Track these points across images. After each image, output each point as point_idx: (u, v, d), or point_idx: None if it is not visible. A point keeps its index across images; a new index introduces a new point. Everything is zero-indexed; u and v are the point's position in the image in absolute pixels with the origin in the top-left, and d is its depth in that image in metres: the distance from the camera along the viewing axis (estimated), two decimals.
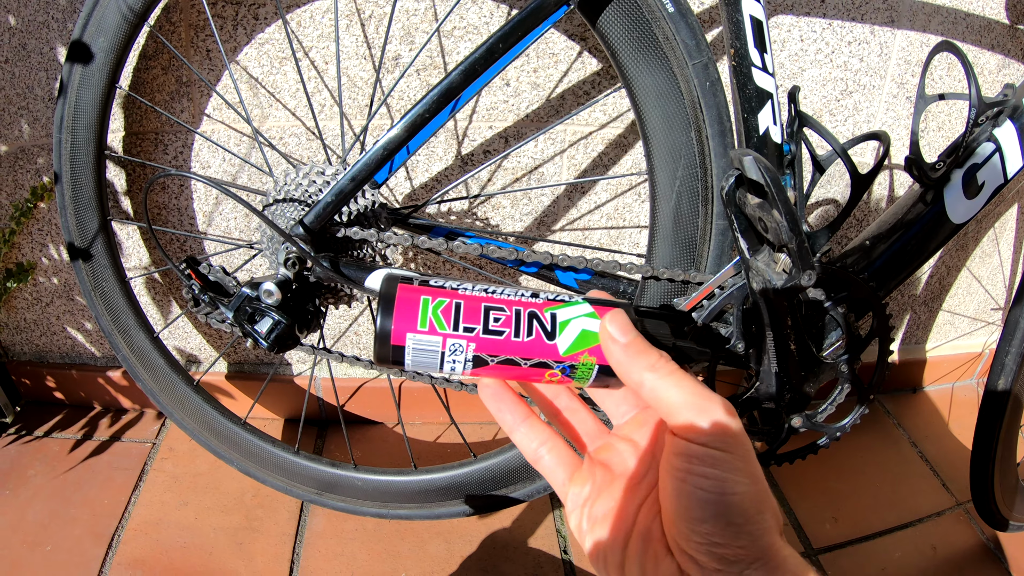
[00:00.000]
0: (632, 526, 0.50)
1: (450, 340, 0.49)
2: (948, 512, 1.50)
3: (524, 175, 1.33)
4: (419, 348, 0.49)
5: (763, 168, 0.74)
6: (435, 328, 0.49)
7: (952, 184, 1.01)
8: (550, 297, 0.52)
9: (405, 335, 0.49)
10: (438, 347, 0.49)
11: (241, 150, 1.30)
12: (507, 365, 0.51)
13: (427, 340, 0.49)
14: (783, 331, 0.89)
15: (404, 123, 0.91)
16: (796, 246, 0.77)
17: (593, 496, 0.53)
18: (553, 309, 0.51)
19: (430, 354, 0.50)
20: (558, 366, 0.50)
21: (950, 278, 1.69)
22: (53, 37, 1.21)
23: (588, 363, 0.50)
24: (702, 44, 0.90)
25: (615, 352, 0.49)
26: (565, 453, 0.56)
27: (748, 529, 0.42)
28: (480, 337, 0.49)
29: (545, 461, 0.56)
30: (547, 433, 0.56)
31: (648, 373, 0.47)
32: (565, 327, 0.50)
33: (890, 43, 1.30)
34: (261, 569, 1.29)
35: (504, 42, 0.87)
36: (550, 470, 0.56)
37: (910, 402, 1.81)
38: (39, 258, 1.45)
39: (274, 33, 1.20)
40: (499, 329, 0.49)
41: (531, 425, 0.56)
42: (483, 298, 0.50)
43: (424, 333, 0.49)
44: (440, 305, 0.49)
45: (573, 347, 0.50)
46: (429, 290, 0.50)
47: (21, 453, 1.52)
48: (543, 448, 0.56)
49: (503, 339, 0.50)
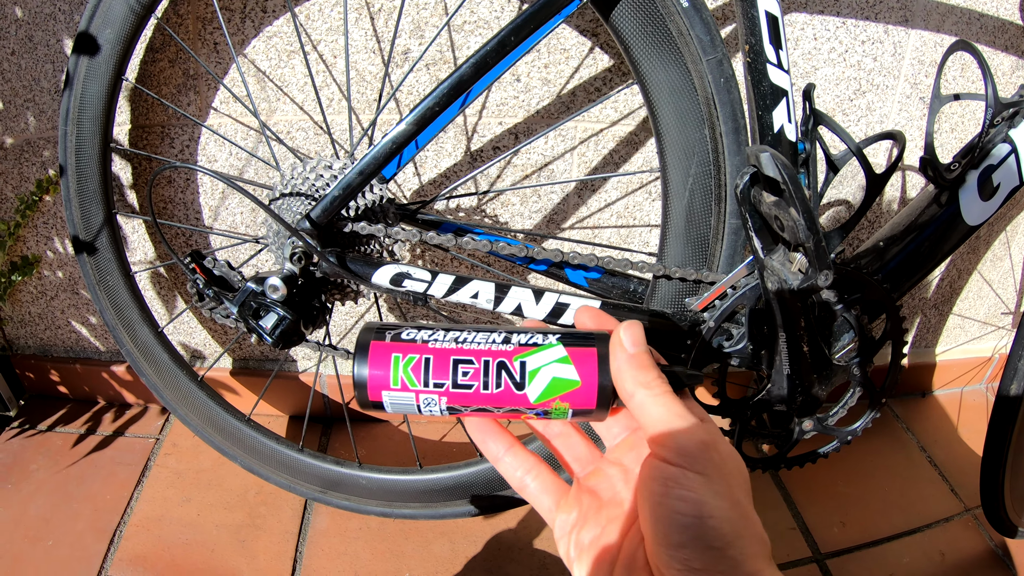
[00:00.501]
0: (617, 554, 0.49)
1: (422, 395, 0.51)
2: (957, 518, 1.49)
3: (534, 172, 1.32)
4: (395, 402, 0.52)
5: (780, 165, 0.73)
6: (407, 385, 0.51)
7: (967, 185, 1.00)
8: (521, 342, 0.52)
9: (380, 392, 0.52)
10: (412, 401, 0.52)
11: (248, 144, 1.29)
12: (481, 411, 0.52)
13: (401, 396, 0.52)
14: (796, 332, 0.88)
15: (413, 117, 0.90)
16: (814, 245, 0.75)
17: (580, 523, 0.53)
18: (523, 357, 0.51)
19: (406, 405, 0.52)
20: (531, 412, 0.51)
21: (961, 281, 1.67)
22: (59, 29, 1.20)
23: (561, 408, 0.51)
24: (716, 40, 0.89)
25: (620, 359, 0.49)
26: (550, 480, 0.57)
27: (729, 553, 0.42)
28: (450, 391, 0.51)
29: (530, 489, 0.57)
30: (532, 461, 0.57)
31: (641, 388, 0.48)
32: (535, 376, 0.51)
33: (904, 43, 1.28)
34: (263, 567, 1.28)
35: (516, 35, 0.86)
36: (535, 497, 0.57)
37: (919, 406, 1.79)
38: (44, 251, 1.45)
39: (282, 26, 1.19)
40: (468, 383, 0.51)
41: (515, 454, 0.57)
42: (451, 351, 0.52)
43: (397, 391, 0.51)
44: (410, 363, 0.51)
45: (544, 395, 0.51)
46: (400, 346, 0.52)
47: (24, 447, 1.51)
48: (528, 476, 0.57)
49: (472, 392, 0.51)
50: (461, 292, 0.93)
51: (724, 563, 0.41)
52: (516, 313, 0.94)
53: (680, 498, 0.43)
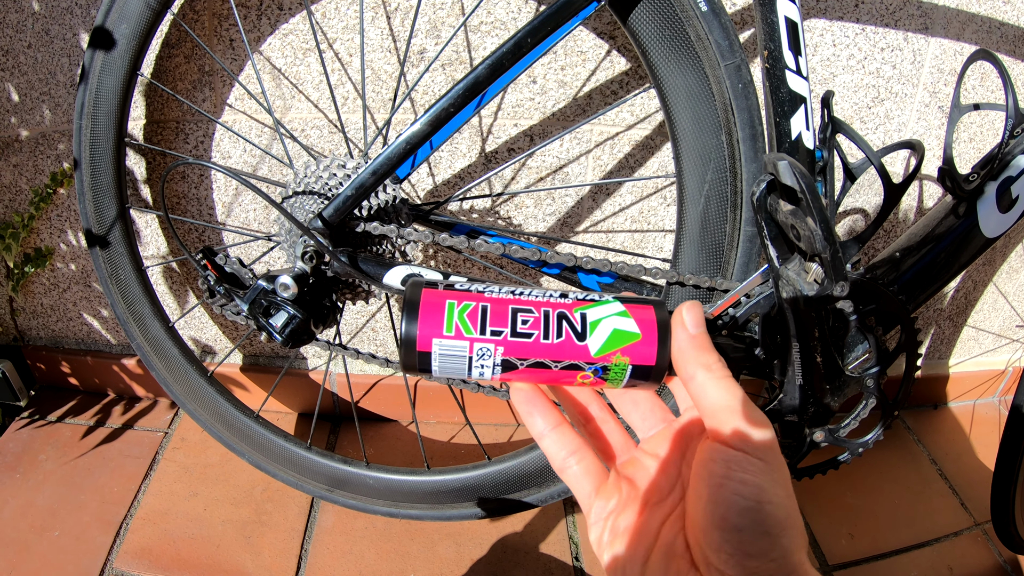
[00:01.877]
0: (654, 541, 0.49)
1: (477, 344, 0.48)
2: (966, 532, 1.47)
3: (548, 175, 1.31)
4: (446, 353, 0.48)
5: (798, 173, 0.72)
6: (461, 332, 0.48)
7: (986, 197, 0.98)
8: (579, 297, 0.50)
9: (431, 340, 0.48)
10: (465, 352, 0.48)
11: (262, 141, 1.29)
12: (537, 368, 0.49)
13: (454, 345, 0.48)
14: (810, 343, 0.87)
15: (428, 117, 0.89)
16: (830, 256, 0.74)
17: (618, 510, 0.52)
18: (583, 309, 0.49)
19: (457, 359, 0.48)
20: (590, 367, 0.49)
21: (976, 293, 1.66)
22: (76, 23, 1.20)
23: (621, 363, 0.49)
24: (735, 45, 0.88)
25: (681, 339, 0.49)
26: (593, 465, 0.55)
27: (782, 542, 0.42)
28: (508, 340, 0.48)
29: (573, 471, 0.55)
30: (577, 443, 0.55)
31: (703, 370, 0.48)
32: (596, 327, 0.49)
33: (923, 51, 1.27)
34: (268, 564, 1.28)
35: (533, 37, 0.85)
36: (577, 481, 0.55)
37: (931, 418, 1.77)
38: (57, 244, 1.45)
39: (298, 24, 1.18)
40: (528, 331, 0.48)
41: (562, 433, 0.55)
42: (510, 300, 0.49)
43: (450, 338, 0.48)
44: (466, 309, 0.48)
45: (605, 347, 0.49)
46: (454, 294, 0.49)
47: (33, 437, 1.52)
48: (572, 458, 0.55)
49: (532, 342, 0.48)
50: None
51: (776, 550, 0.41)
52: None
53: (742, 481, 0.43)
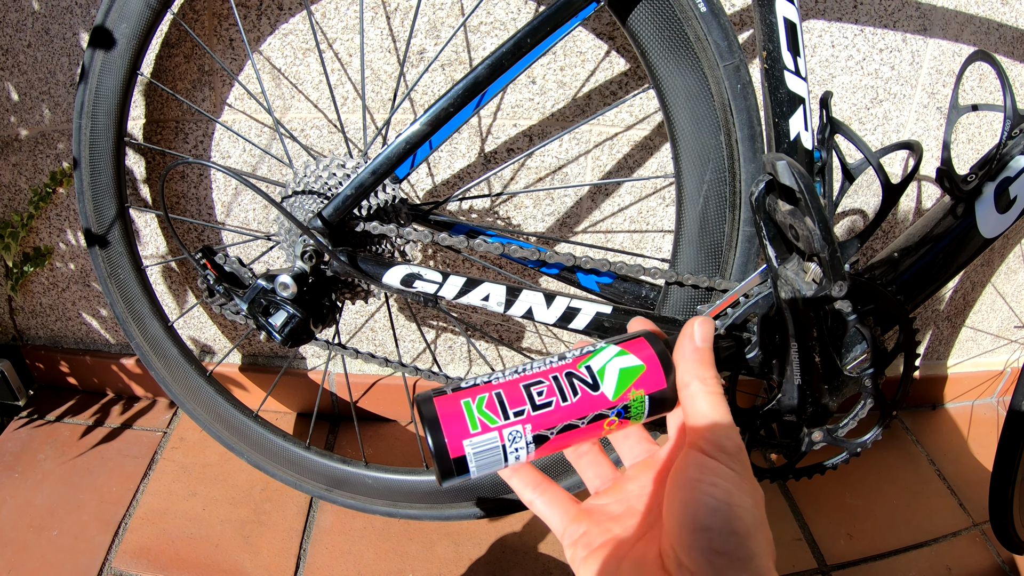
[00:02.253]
0: (627, 553, 0.52)
1: (506, 430, 0.50)
2: (964, 533, 1.47)
3: (547, 175, 1.32)
4: (479, 450, 0.49)
5: (797, 173, 0.72)
6: (487, 425, 0.49)
7: (984, 197, 0.99)
8: (577, 353, 0.53)
9: (461, 443, 0.49)
10: (496, 441, 0.49)
11: (262, 141, 1.29)
12: (567, 432, 0.51)
13: (484, 440, 0.49)
14: (808, 343, 0.87)
15: (427, 117, 0.89)
16: (828, 255, 0.75)
17: (589, 531, 0.55)
18: (585, 362, 0.52)
19: (492, 452, 0.50)
20: (613, 411, 0.51)
21: (974, 294, 1.66)
22: (76, 23, 1.20)
23: (639, 397, 0.52)
24: (734, 45, 0.88)
25: (686, 349, 0.53)
26: (558, 495, 0.59)
27: (749, 544, 0.44)
28: (532, 416, 0.50)
29: (539, 504, 0.59)
30: (539, 479, 0.60)
31: (697, 381, 0.51)
32: (604, 373, 0.52)
33: (922, 52, 1.27)
34: (267, 563, 1.28)
35: (532, 37, 0.86)
36: (544, 511, 0.59)
37: (929, 419, 1.77)
38: (56, 243, 1.45)
39: (298, 24, 1.19)
40: (547, 401, 0.50)
41: (525, 472, 0.60)
42: (519, 379, 0.51)
43: (479, 434, 0.49)
44: (483, 401, 0.50)
45: (619, 387, 0.51)
46: (465, 392, 0.51)
47: (32, 437, 1.52)
48: (535, 492, 0.59)
49: (554, 408, 0.50)
50: (472, 294, 0.93)
51: (743, 550, 0.44)
52: (527, 317, 0.93)
53: (713, 484, 0.46)
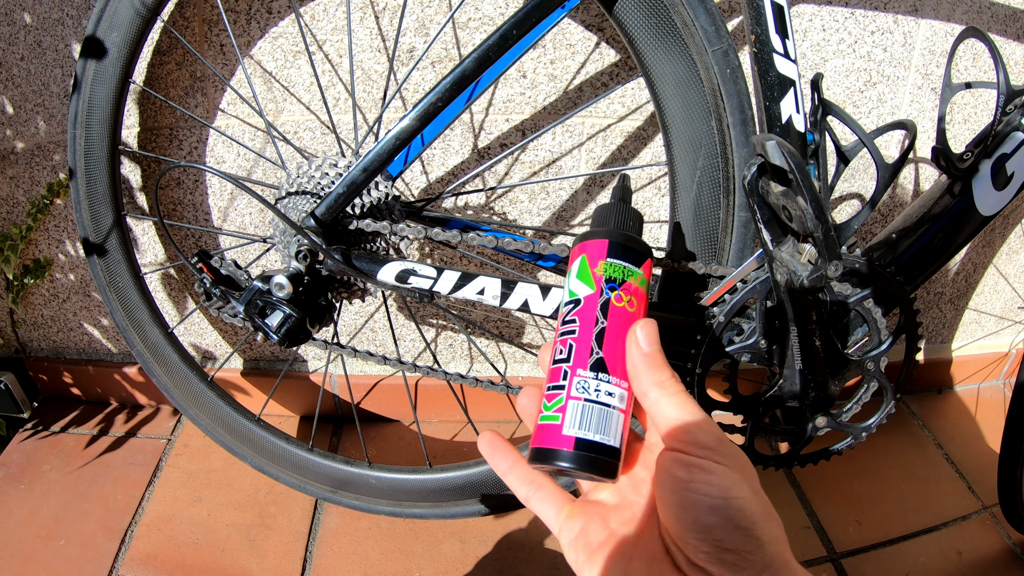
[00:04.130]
0: (632, 549, 0.51)
1: (573, 385, 0.53)
2: (974, 516, 1.46)
3: (542, 168, 1.31)
4: (578, 420, 0.53)
5: (787, 153, 0.72)
6: (561, 407, 0.53)
7: (980, 175, 0.98)
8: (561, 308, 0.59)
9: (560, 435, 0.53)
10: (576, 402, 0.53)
11: (255, 145, 1.29)
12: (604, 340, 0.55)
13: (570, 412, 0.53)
14: (808, 326, 0.87)
15: (416, 112, 0.89)
16: (822, 235, 0.74)
17: (585, 529, 0.55)
18: (563, 302, 0.59)
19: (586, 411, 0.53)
20: (604, 293, 0.56)
21: (976, 275, 1.65)
22: (68, 34, 1.21)
23: (604, 264, 0.58)
24: (722, 30, 0.88)
25: (634, 356, 0.52)
26: (553, 491, 0.59)
27: (755, 534, 0.43)
28: (570, 364, 0.54)
29: (534, 500, 0.59)
30: (534, 475, 0.60)
31: (656, 388, 0.51)
32: (574, 293, 0.58)
33: (914, 33, 1.27)
34: (274, 567, 1.28)
35: (518, 28, 0.85)
36: (540, 508, 0.59)
37: (935, 403, 1.77)
38: (56, 254, 1.45)
39: (287, 27, 1.19)
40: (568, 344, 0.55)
41: (520, 468, 0.60)
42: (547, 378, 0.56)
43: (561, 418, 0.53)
44: (545, 407, 0.54)
45: (583, 278, 0.57)
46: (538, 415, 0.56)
47: (37, 448, 1.52)
48: (531, 488, 0.59)
49: (576, 336, 0.55)
50: (467, 288, 0.93)
51: (751, 543, 0.43)
52: (524, 309, 0.93)
53: (705, 482, 0.45)
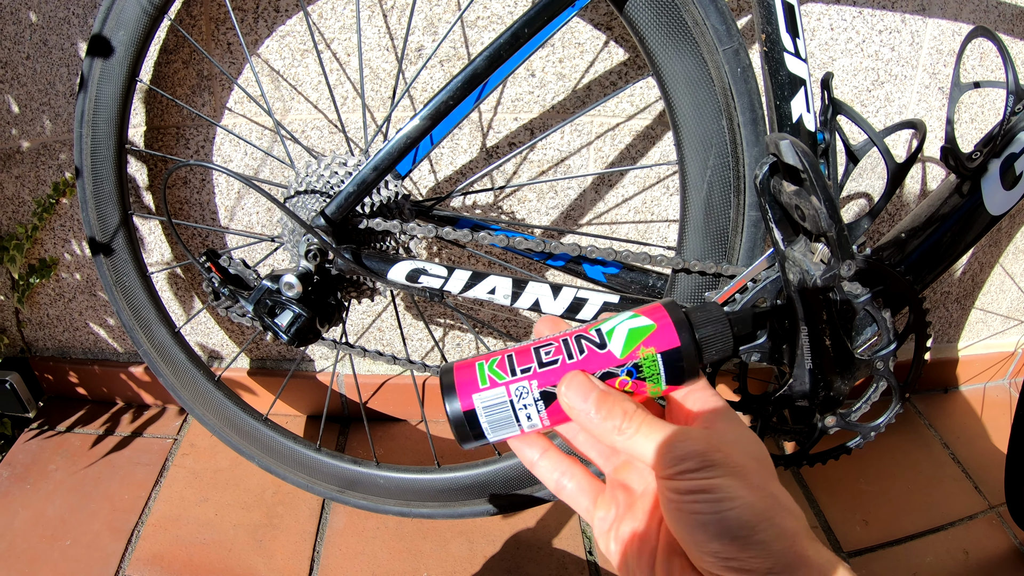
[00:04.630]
0: (656, 543, 0.50)
1: (513, 386, 0.51)
2: (980, 515, 1.46)
3: (550, 167, 1.31)
4: (488, 404, 0.51)
5: (800, 152, 0.71)
6: (495, 381, 0.51)
7: (989, 174, 0.98)
8: (591, 322, 0.54)
9: (471, 397, 0.51)
10: (504, 396, 0.51)
11: (263, 144, 1.29)
12: None
13: (492, 394, 0.51)
14: (818, 326, 0.87)
15: (426, 111, 0.89)
16: (836, 234, 0.74)
17: (618, 519, 0.54)
18: (596, 327, 0.52)
19: (501, 408, 0.51)
20: (622, 370, 0.51)
21: (983, 275, 1.65)
22: (74, 33, 1.21)
23: (650, 355, 0.51)
24: (732, 29, 0.88)
25: (579, 413, 0.50)
26: (586, 480, 0.57)
27: (756, 539, 0.42)
28: (538, 372, 0.51)
29: (568, 491, 0.57)
30: (567, 463, 0.58)
31: (618, 437, 0.49)
32: (612, 333, 0.52)
33: (921, 32, 1.27)
34: (281, 567, 1.28)
35: (529, 27, 0.85)
36: (573, 498, 0.57)
37: (942, 402, 1.77)
38: (61, 254, 1.45)
39: (295, 25, 1.18)
40: (553, 359, 0.51)
41: (550, 457, 0.58)
42: (530, 344, 0.53)
43: (487, 389, 0.51)
44: (494, 362, 0.52)
45: (627, 345, 0.51)
46: (480, 357, 0.53)
47: (43, 448, 1.52)
48: (564, 478, 0.57)
49: (560, 365, 0.51)
50: (478, 288, 0.93)
51: (752, 549, 0.42)
52: (534, 308, 0.93)
53: (694, 500, 0.44)
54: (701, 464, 0.45)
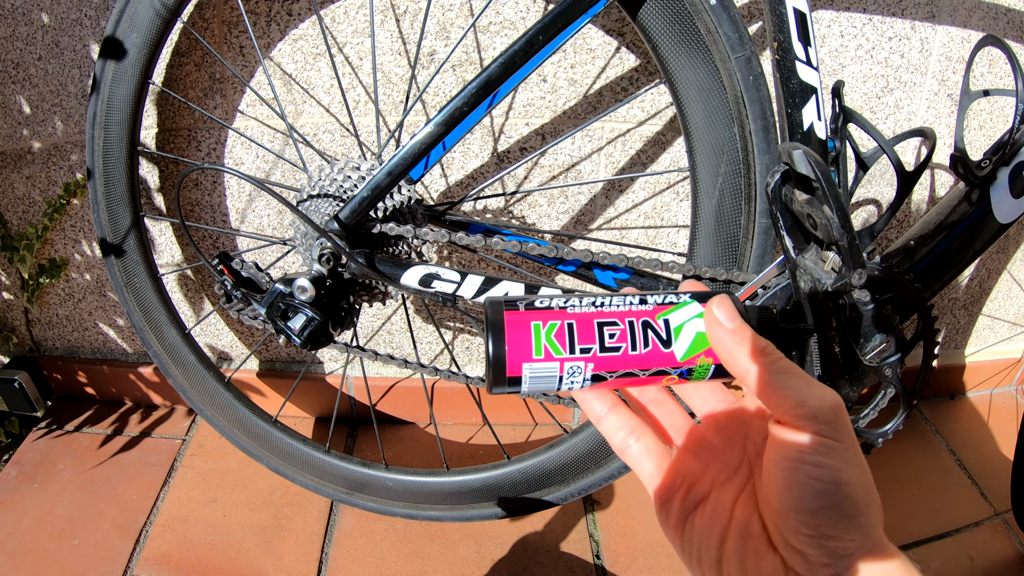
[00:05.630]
0: (728, 521, 0.49)
1: (568, 364, 0.48)
2: (986, 522, 1.46)
3: (561, 172, 1.32)
4: (536, 376, 0.48)
5: (813, 162, 0.72)
6: (551, 354, 0.48)
7: (998, 183, 0.98)
8: (659, 301, 0.50)
9: (521, 366, 0.48)
10: (556, 372, 0.48)
11: (275, 147, 1.30)
12: (626, 378, 0.50)
13: (544, 367, 0.48)
14: (828, 333, 0.87)
15: (440, 118, 0.89)
16: (847, 243, 0.75)
17: (684, 490, 0.52)
18: (665, 315, 0.49)
19: (548, 379, 0.49)
20: (676, 372, 0.49)
21: (990, 281, 1.65)
22: (86, 34, 1.21)
23: (705, 365, 0.49)
24: (745, 37, 0.88)
25: (722, 337, 0.48)
26: (653, 444, 0.54)
27: (860, 521, 0.41)
28: (598, 356, 0.48)
29: (633, 451, 0.54)
30: (635, 422, 0.54)
31: (754, 362, 0.46)
32: (680, 332, 0.49)
33: (931, 39, 1.27)
34: (289, 568, 1.28)
35: (544, 33, 0.86)
36: (637, 460, 0.54)
37: (948, 408, 1.77)
38: (72, 254, 1.46)
39: (308, 29, 1.19)
40: (616, 345, 0.48)
41: (619, 413, 0.54)
42: (594, 314, 0.49)
43: (541, 361, 0.48)
44: (552, 329, 0.48)
45: (690, 351, 0.49)
46: (538, 313, 0.49)
47: (51, 447, 1.52)
48: (631, 438, 0.54)
49: (621, 354, 0.48)
50: (491, 293, 0.93)
51: (855, 531, 0.41)
52: None
53: (816, 464, 0.42)
54: (833, 429, 0.43)
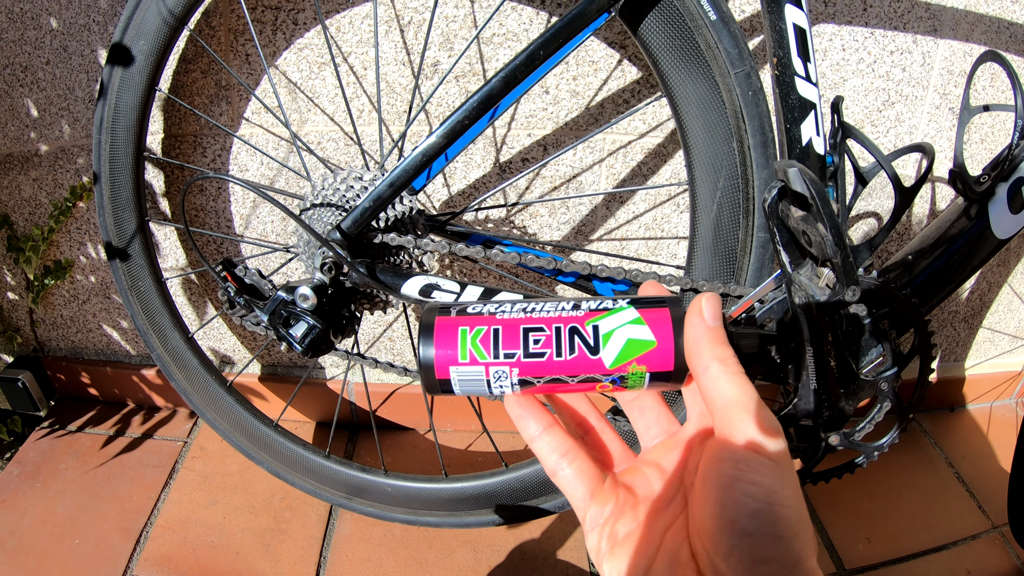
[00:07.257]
0: (657, 549, 0.47)
1: (492, 368, 0.49)
2: (984, 535, 1.46)
3: (562, 184, 1.32)
4: (464, 379, 0.50)
5: (808, 180, 0.73)
6: (476, 359, 0.49)
7: (997, 198, 0.98)
8: (592, 307, 0.50)
9: (448, 369, 0.50)
10: (482, 375, 0.49)
11: (279, 154, 1.31)
12: (554, 383, 0.50)
13: (470, 371, 0.49)
14: (823, 347, 0.88)
15: (443, 129, 0.90)
16: (841, 261, 0.75)
17: (615, 516, 0.51)
18: (595, 321, 0.49)
19: (475, 382, 0.50)
20: (607, 379, 0.49)
21: (991, 294, 1.65)
22: (94, 40, 1.22)
23: (638, 372, 0.48)
24: (744, 53, 0.89)
25: (697, 328, 0.46)
26: (587, 467, 0.53)
27: (794, 546, 0.40)
28: (522, 361, 0.49)
29: (565, 473, 0.53)
30: (569, 444, 0.53)
31: (717, 363, 0.45)
32: (609, 339, 0.48)
33: (932, 53, 1.28)
34: (287, 571, 1.29)
35: (545, 48, 0.87)
36: (569, 484, 0.53)
37: (948, 421, 1.77)
38: (77, 256, 1.47)
39: (313, 38, 1.20)
40: (540, 351, 0.49)
41: (553, 434, 0.53)
42: (521, 320, 0.50)
43: (465, 364, 0.49)
44: (478, 334, 0.49)
45: (620, 359, 0.48)
46: (467, 319, 0.50)
47: (53, 447, 1.54)
48: (564, 460, 0.53)
49: (545, 360, 0.49)
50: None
51: (789, 555, 0.40)
52: None
53: (752, 482, 0.41)
54: (774, 448, 0.42)
